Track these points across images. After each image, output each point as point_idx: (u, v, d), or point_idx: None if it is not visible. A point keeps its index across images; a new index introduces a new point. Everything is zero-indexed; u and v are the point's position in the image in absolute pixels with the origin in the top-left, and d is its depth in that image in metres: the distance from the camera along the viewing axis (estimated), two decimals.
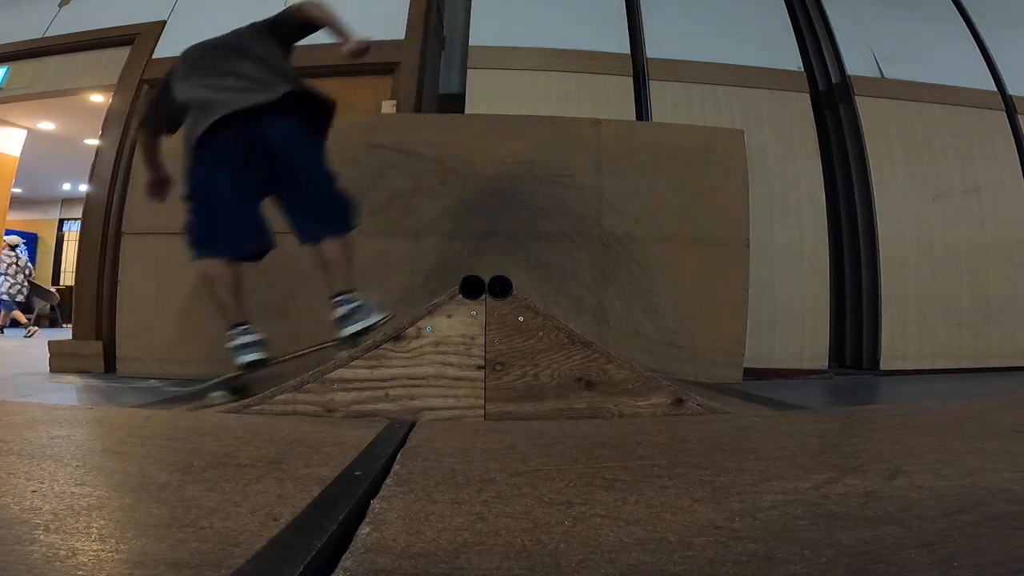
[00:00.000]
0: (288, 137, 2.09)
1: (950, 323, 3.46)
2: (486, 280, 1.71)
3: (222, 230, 2.10)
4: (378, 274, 2.94)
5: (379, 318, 2.04)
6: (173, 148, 2.37)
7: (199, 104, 2.09)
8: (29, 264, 8.60)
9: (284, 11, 2.31)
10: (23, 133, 6.56)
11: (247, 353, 2.04)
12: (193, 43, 2.34)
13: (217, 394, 2.04)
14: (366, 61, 3.56)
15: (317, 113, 2.19)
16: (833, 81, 3.80)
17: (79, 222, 3.78)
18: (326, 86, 3.57)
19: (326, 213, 2.13)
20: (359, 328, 2.02)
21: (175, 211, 3.01)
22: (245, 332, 2.07)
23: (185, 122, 2.13)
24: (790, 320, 3.35)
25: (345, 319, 2.06)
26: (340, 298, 2.09)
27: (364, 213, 2.96)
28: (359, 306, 2.08)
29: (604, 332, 2.85)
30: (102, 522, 0.71)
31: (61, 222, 11.41)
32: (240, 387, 2.09)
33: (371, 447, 1.18)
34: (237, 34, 2.32)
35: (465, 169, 2.99)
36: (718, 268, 3.02)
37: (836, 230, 3.61)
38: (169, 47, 3.70)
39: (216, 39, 2.32)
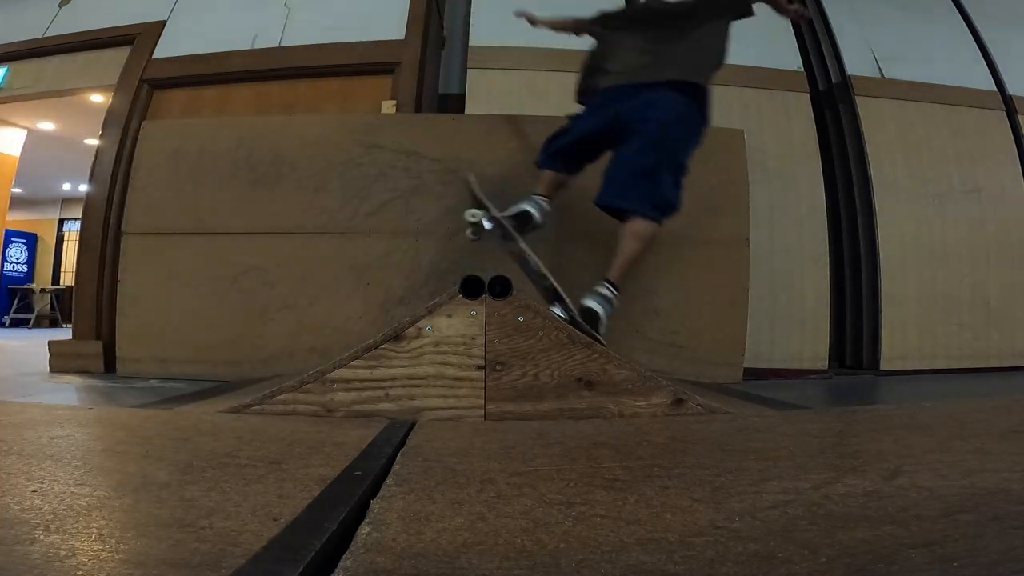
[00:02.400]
0: (648, 111, 2.22)
1: (950, 323, 3.46)
2: (486, 280, 1.71)
3: (564, 156, 2.41)
4: (378, 274, 2.94)
5: (600, 331, 2.11)
6: None
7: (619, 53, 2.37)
8: None
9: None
10: (23, 133, 6.56)
11: (530, 205, 2.28)
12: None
13: (474, 211, 2.25)
14: (366, 61, 3.58)
15: (703, 103, 2.32)
16: (833, 81, 3.80)
17: (79, 222, 3.77)
18: (326, 86, 3.61)
19: (632, 190, 2.20)
20: (594, 309, 2.11)
21: (175, 211, 3.03)
22: (542, 200, 2.36)
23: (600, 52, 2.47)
24: (790, 320, 3.35)
25: (595, 296, 2.14)
26: (606, 283, 2.17)
27: (364, 213, 2.98)
28: (608, 300, 2.15)
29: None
30: (102, 522, 0.71)
31: (61, 222, 11.41)
32: (506, 230, 2.23)
33: (371, 447, 1.18)
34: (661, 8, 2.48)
35: (465, 169, 2.99)
36: (718, 268, 3.02)
37: (836, 230, 3.61)
38: (169, 47, 3.71)
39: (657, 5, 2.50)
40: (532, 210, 2.31)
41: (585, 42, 2.75)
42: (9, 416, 1.41)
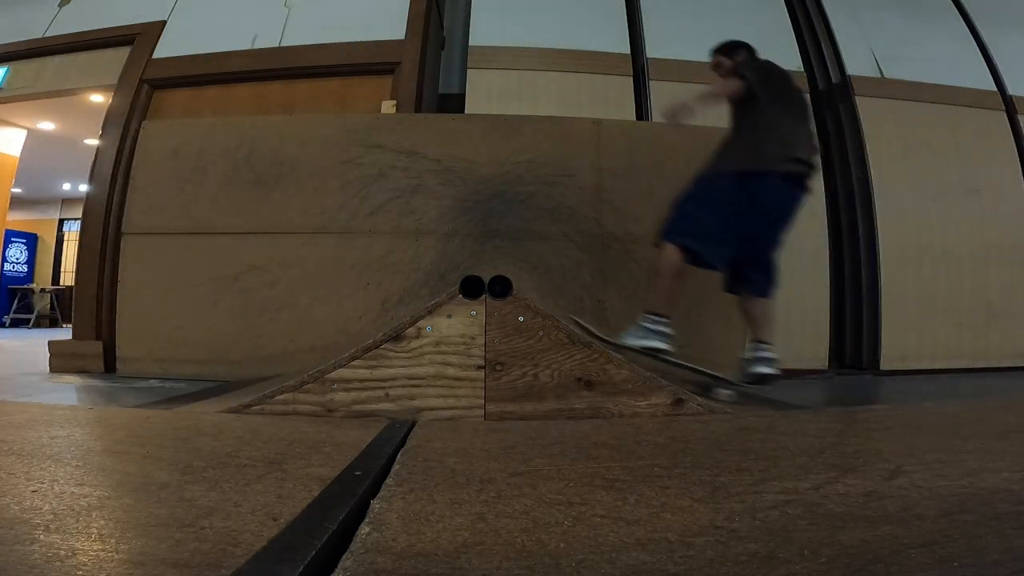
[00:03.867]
0: (783, 207, 2.38)
1: (950, 323, 3.46)
2: (486, 280, 1.71)
3: (702, 236, 2.30)
4: (378, 274, 2.94)
5: (774, 373, 2.32)
6: None
7: (779, 138, 2.32)
8: None
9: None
10: (23, 133, 6.56)
11: (652, 338, 2.25)
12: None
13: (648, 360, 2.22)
14: (366, 61, 3.58)
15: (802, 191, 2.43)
16: (833, 81, 3.80)
17: (79, 222, 3.77)
18: (326, 86, 3.61)
19: (766, 276, 2.39)
20: (762, 373, 2.31)
21: (175, 211, 3.03)
22: (661, 323, 2.27)
23: (753, 138, 2.37)
24: (790, 320, 3.34)
25: (754, 362, 2.34)
26: (760, 344, 2.36)
27: (364, 213, 2.98)
28: (769, 358, 2.34)
29: (604, 332, 2.84)
30: (102, 522, 0.71)
31: (61, 222, 11.40)
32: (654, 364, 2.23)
33: (371, 447, 1.18)
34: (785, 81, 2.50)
35: (465, 169, 2.99)
36: None
37: (836, 230, 3.60)
38: (169, 47, 3.71)
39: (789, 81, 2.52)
40: (661, 345, 2.28)
41: (586, 42, 2.74)
42: (9, 416, 1.41)
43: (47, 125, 6.51)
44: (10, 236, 9.98)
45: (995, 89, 3.82)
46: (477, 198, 2.96)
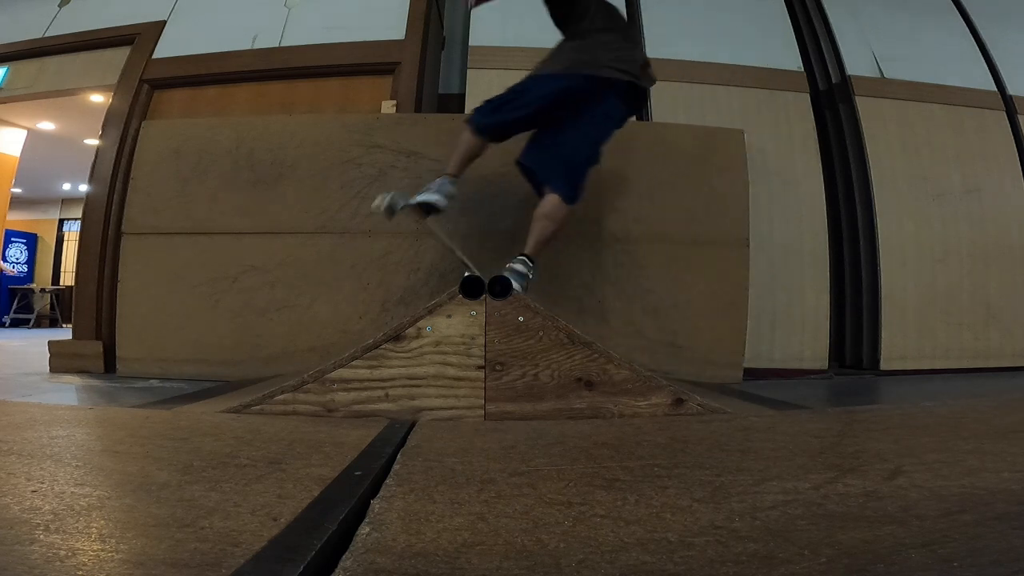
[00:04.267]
0: (606, 118, 2.36)
1: (950, 323, 3.45)
2: (486, 280, 1.71)
3: (507, 124, 2.37)
4: (378, 274, 2.94)
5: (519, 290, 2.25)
6: None
7: (589, 51, 2.34)
8: None
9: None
10: (23, 133, 6.56)
11: (438, 192, 2.32)
12: None
13: (397, 200, 2.35)
14: (366, 61, 3.58)
15: (634, 103, 2.47)
16: (833, 81, 3.80)
17: (79, 222, 3.77)
18: (326, 86, 3.60)
19: (564, 171, 2.34)
20: (507, 280, 2.15)
21: (175, 211, 3.03)
22: (450, 182, 2.36)
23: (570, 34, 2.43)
24: (790, 320, 3.35)
25: (513, 272, 2.21)
26: (523, 257, 2.26)
27: (364, 213, 2.98)
28: (528, 278, 2.24)
29: (604, 332, 2.85)
30: (102, 522, 0.71)
31: (61, 222, 11.41)
32: (413, 209, 2.37)
33: (371, 447, 1.19)
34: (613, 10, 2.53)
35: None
36: (718, 268, 3.02)
37: (836, 230, 3.60)
38: (169, 47, 3.71)
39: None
40: (434, 200, 2.35)
41: None
42: (9, 416, 1.41)
43: (47, 125, 6.51)
44: (10, 236, 9.98)
45: (995, 89, 3.82)
46: (477, 198, 2.95)
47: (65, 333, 4.03)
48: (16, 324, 9.52)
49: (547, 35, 3.02)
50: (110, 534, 0.68)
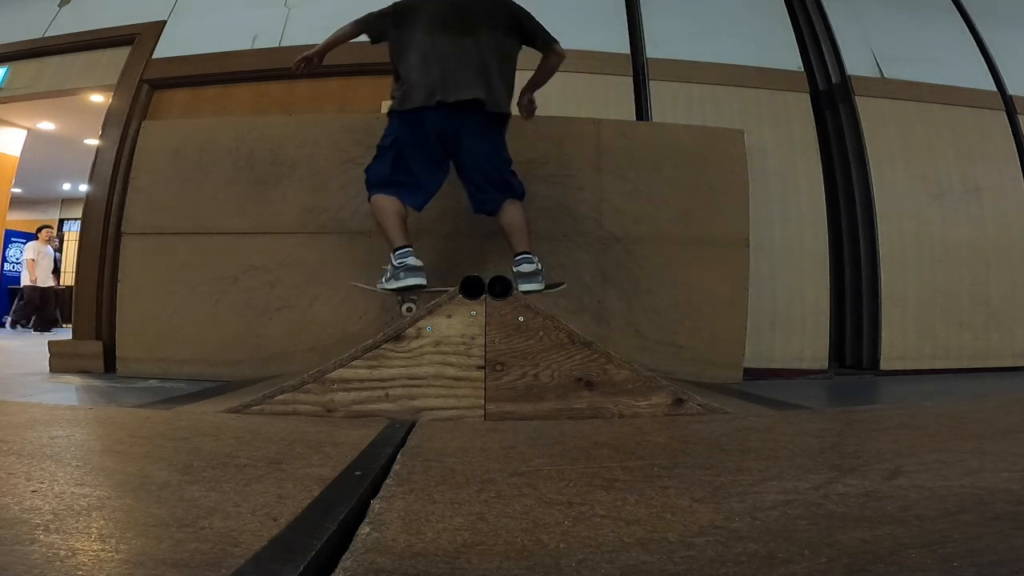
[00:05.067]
0: (477, 138, 2.28)
1: (950, 323, 3.45)
2: (486, 280, 1.71)
3: (399, 181, 2.32)
4: (378, 274, 2.94)
5: (554, 286, 2.29)
6: None
7: (417, 71, 2.24)
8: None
9: (538, 24, 2.46)
10: (23, 133, 6.56)
11: (410, 276, 2.24)
12: None
13: (406, 307, 2.26)
14: (366, 61, 3.57)
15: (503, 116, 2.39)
16: (833, 81, 3.80)
17: (79, 222, 3.77)
18: (326, 86, 3.60)
19: (498, 189, 2.34)
20: (536, 289, 2.23)
21: (175, 211, 3.03)
22: (408, 253, 2.26)
23: (398, 78, 2.31)
24: (790, 320, 3.35)
25: (527, 276, 2.26)
26: (521, 256, 2.29)
27: (364, 213, 2.98)
28: (538, 269, 2.28)
29: (604, 332, 2.85)
30: (102, 522, 0.71)
31: (61, 222, 11.40)
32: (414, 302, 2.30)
33: (371, 447, 1.18)
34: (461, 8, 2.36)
35: None
36: (718, 268, 3.02)
37: (836, 230, 3.60)
38: (169, 47, 3.71)
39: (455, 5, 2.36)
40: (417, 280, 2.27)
41: (586, 42, 2.73)
42: (9, 416, 1.41)
43: (47, 125, 6.51)
44: (10, 236, 9.97)
45: (995, 89, 3.82)
46: None
47: (65, 333, 4.03)
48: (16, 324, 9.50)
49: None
50: (110, 534, 0.68)
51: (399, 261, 2.24)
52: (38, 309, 8.07)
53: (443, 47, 2.23)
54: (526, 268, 2.27)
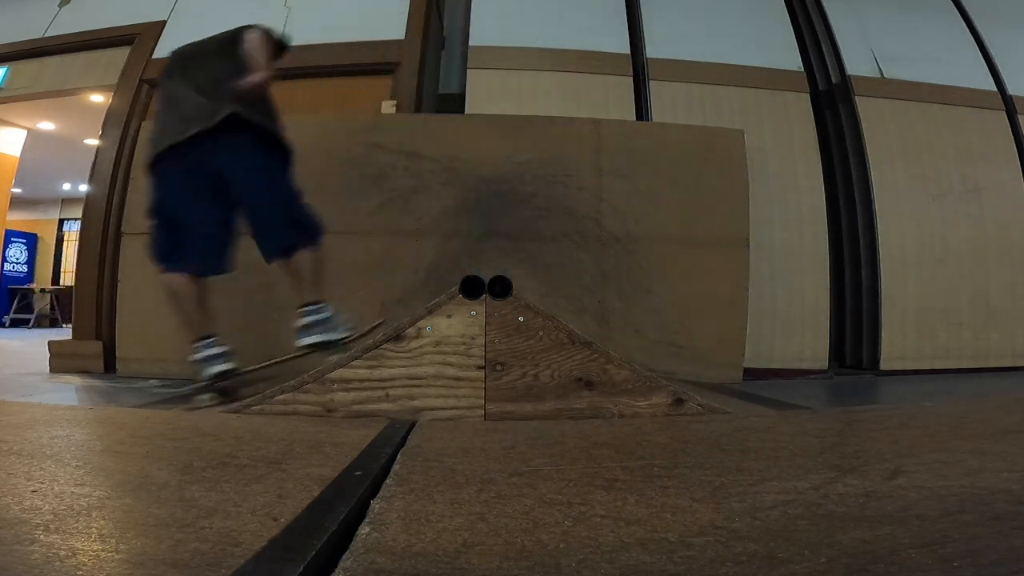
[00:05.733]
0: (236, 163, 2.05)
1: (950, 323, 3.45)
2: (486, 280, 1.71)
3: (184, 248, 2.08)
4: (378, 274, 2.94)
5: (341, 336, 2.05)
6: None
7: (158, 123, 2.15)
8: None
9: (240, 30, 2.32)
10: (23, 133, 6.55)
11: (214, 364, 2.05)
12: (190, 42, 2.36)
13: (204, 397, 2.03)
14: (366, 61, 3.57)
15: (272, 127, 2.14)
16: (833, 81, 3.80)
17: (79, 222, 3.77)
18: (326, 86, 3.60)
19: (286, 232, 2.09)
20: (318, 341, 2.05)
21: None
22: (211, 344, 2.08)
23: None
24: (790, 320, 3.35)
25: (307, 329, 2.08)
26: (306, 308, 2.09)
27: (364, 213, 2.98)
28: (325, 319, 2.08)
29: (604, 332, 2.85)
30: (102, 522, 0.71)
31: (61, 222, 11.39)
32: (225, 390, 2.08)
33: (371, 447, 1.18)
34: (200, 46, 2.35)
35: (465, 169, 2.99)
36: (718, 268, 3.02)
37: (836, 230, 3.60)
38: (169, 47, 3.70)
39: (197, 44, 2.36)
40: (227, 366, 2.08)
41: (586, 42, 2.73)
42: (9, 416, 1.41)
43: (47, 125, 6.51)
44: (10, 236, 9.97)
45: (995, 89, 3.82)
46: (477, 198, 2.96)
47: (65, 333, 4.03)
48: (16, 324, 9.51)
49: (547, 35, 3.03)
50: (110, 534, 0.68)
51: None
52: None
53: None
54: (306, 320, 2.08)
